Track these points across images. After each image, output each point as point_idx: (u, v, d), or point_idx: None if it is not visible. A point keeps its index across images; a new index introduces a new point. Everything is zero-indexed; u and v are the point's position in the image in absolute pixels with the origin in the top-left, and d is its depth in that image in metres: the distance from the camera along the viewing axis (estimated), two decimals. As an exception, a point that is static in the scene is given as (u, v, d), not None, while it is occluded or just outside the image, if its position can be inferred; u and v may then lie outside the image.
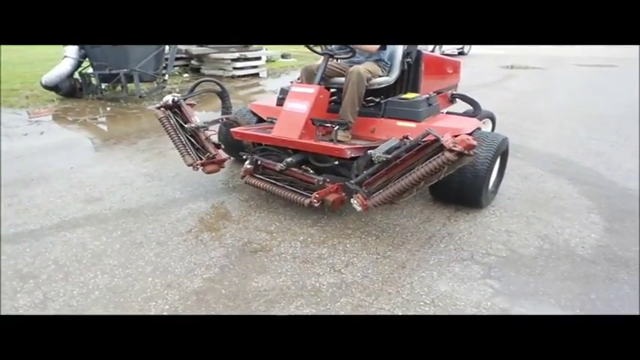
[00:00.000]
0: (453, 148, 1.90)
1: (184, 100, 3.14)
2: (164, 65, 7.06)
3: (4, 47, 9.30)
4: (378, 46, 3.02)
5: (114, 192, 3.11)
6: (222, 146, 3.19)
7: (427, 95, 3.05)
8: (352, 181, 2.38)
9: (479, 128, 3.02)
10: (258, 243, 2.43)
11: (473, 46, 17.14)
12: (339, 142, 2.68)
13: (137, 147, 4.29)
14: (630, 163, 3.87)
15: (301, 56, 13.81)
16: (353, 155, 2.57)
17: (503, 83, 8.91)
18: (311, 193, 2.53)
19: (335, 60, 3.21)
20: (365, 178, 2.32)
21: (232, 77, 9.39)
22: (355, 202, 2.33)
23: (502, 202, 3.03)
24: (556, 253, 2.39)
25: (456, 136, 1.96)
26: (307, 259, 2.28)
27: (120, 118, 5.67)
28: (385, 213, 2.82)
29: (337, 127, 2.68)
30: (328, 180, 2.60)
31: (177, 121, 3.06)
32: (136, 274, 2.15)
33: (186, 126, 3.02)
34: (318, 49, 3.01)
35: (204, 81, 3.54)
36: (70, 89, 6.65)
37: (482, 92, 4.56)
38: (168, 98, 3.09)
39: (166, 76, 7.13)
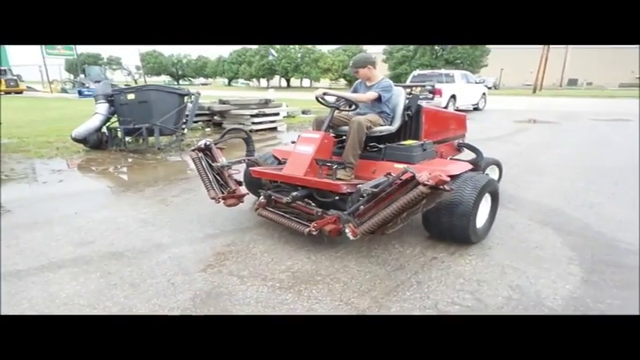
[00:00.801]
0: (426, 183, 2.19)
1: (215, 144, 3.72)
2: (184, 120, 7.53)
3: (45, 105, 10.07)
4: (376, 95, 3.58)
5: (106, 236, 3.30)
6: (243, 183, 3.69)
7: (422, 142, 3.50)
8: (346, 212, 2.70)
9: (471, 170, 3.37)
10: (226, 287, 2.52)
11: (489, 102, 17.40)
12: (340, 180, 3.17)
13: (143, 194, 4.55)
14: (623, 214, 3.80)
15: (321, 112, 14.34)
16: (349, 190, 2.94)
17: (512, 137, 8.96)
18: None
19: (341, 112, 3.72)
20: (356, 209, 2.64)
21: (251, 131, 9.85)
22: (347, 230, 2.60)
23: (481, 251, 3.04)
24: (524, 303, 2.36)
25: (431, 172, 2.25)
26: (269, 304, 2.34)
27: (136, 168, 6.03)
28: (359, 260, 2.88)
29: (336, 166, 3.22)
30: (327, 212, 2.89)
31: (207, 161, 3.59)
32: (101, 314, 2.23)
33: (213, 164, 3.55)
34: (330, 99, 3.56)
35: (233, 129, 4.13)
36: (96, 142, 7.19)
37: (489, 145, 4.61)
38: (202, 142, 3.66)
39: (185, 130, 7.56)
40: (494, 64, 51.90)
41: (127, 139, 7.26)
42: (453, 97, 13.96)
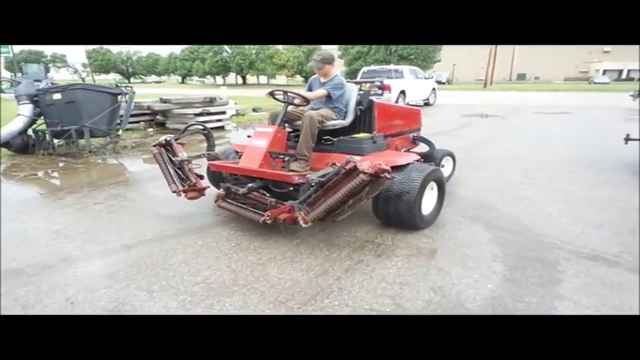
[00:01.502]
0: (366, 171, 2.34)
1: (176, 140, 3.82)
2: (119, 121, 7.11)
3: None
4: (325, 93, 3.82)
5: (8, 252, 2.99)
6: (204, 177, 3.88)
7: (372, 135, 3.71)
8: (297, 201, 2.79)
9: (419, 161, 3.59)
10: (131, 304, 2.30)
11: (439, 97, 17.75)
12: (293, 171, 3.35)
13: (62, 202, 4.20)
14: (552, 207, 3.87)
15: (272, 109, 14.10)
16: (300, 181, 3.04)
17: (458, 132, 9.12)
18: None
19: (297, 107, 3.86)
20: (307, 198, 2.74)
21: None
22: (299, 217, 2.73)
23: (408, 251, 2.97)
24: (444, 306, 2.30)
25: (372, 162, 2.38)
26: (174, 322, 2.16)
27: (63, 173, 5.63)
28: (282, 267, 2.74)
29: (288, 158, 3.48)
30: (283, 202, 3.00)
31: (168, 156, 3.71)
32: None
33: (173, 159, 3.66)
34: (280, 96, 3.67)
35: (193, 125, 4.28)
36: (22, 145, 6.68)
37: (436, 140, 4.83)
38: (163, 138, 3.77)
39: (120, 131, 7.15)
40: (447, 59, 53.30)
41: (57, 142, 6.78)
42: (403, 92, 14.08)
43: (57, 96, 6.43)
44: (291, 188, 3.23)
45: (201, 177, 3.75)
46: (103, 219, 3.71)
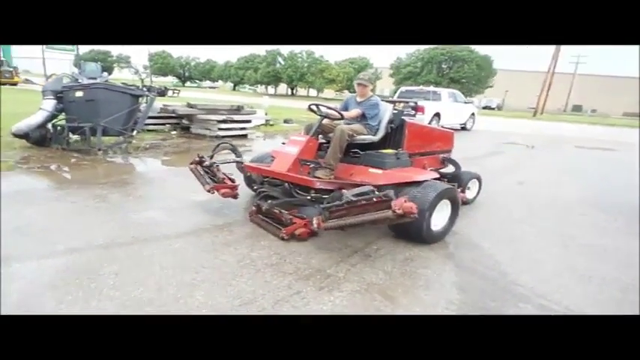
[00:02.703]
0: (396, 211, 2.58)
1: (210, 157, 4.32)
2: (135, 121, 7.26)
3: (32, 98, 9.94)
4: (360, 113, 4.17)
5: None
6: (235, 179, 4.20)
7: (396, 152, 3.96)
8: (322, 205, 3.06)
9: (438, 179, 3.83)
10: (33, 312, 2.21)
11: (480, 122, 17.10)
12: (318, 177, 3.63)
13: (44, 197, 4.25)
14: (543, 253, 3.47)
15: (303, 122, 14.10)
16: (321, 187, 3.50)
17: (482, 160, 8.62)
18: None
19: (333, 120, 4.06)
20: (331, 207, 2.97)
21: (216, 137, 9.60)
22: (315, 219, 3.03)
23: (358, 285, 2.70)
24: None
25: (405, 201, 2.64)
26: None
27: (64, 168, 5.73)
28: (211, 290, 2.56)
29: (313, 165, 3.73)
30: (298, 215, 3.49)
31: (202, 167, 4.23)
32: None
33: (204, 164, 4.21)
34: (319, 109, 3.98)
35: (221, 143, 4.62)
36: (40, 138, 6.92)
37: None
38: (197, 158, 4.30)
39: (135, 132, 7.29)
40: (500, 85, 51.73)
41: (73, 137, 7.00)
42: (437, 115, 13.65)
43: (79, 94, 6.64)
44: (314, 193, 3.59)
45: (231, 179, 4.13)
46: (69, 218, 3.69)
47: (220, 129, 9.69)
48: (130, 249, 3.10)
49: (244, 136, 10.34)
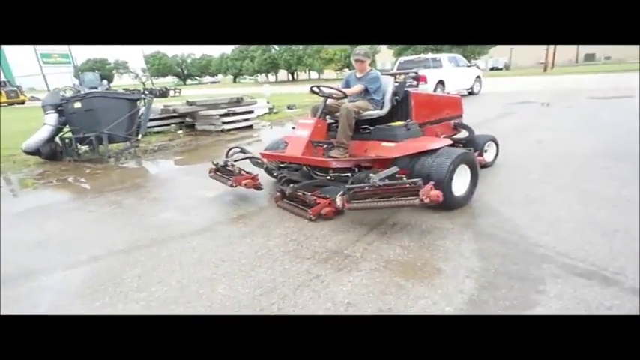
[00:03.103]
0: (423, 200, 2.77)
1: (224, 162, 4.41)
2: (137, 125, 7.29)
3: (39, 115, 10.01)
4: (362, 88, 4.11)
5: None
6: (256, 175, 4.23)
7: (406, 123, 3.92)
8: (347, 185, 3.22)
9: (451, 146, 3.90)
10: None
11: (488, 84, 16.72)
12: (332, 157, 3.70)
13: (63, 209, 4.33)
14: (563, 211, 3.39)
15: (306, 106, 14.00)
16: (337, 166, 3.62)
17: (493, 123, 8.42)
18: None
19: (337, 100, 4.14)
20: (355, 188, 3.13)
21: (222, 131, 9.61)
22: (339, 199, 3.17)
23: (376, 264, 2.70)
24: (389, 332, 2.03)
25: (432, 188, 2.82)
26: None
27: (79, 179, 5.79)
28: (232, 282, 2.58)
29: (326, 146, 3.82)
30: (321, 195, 3.63)
31: (221, 172, 4.39)
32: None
33: (220, 162, 4.41)
34: (321, 90, 4.01)
35: (232, 148, 4.68)
36: (51, 153, 7.02)
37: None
38: (212, 166, 4.47)
39: (139, 136, 7.33)
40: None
41: (83, 148, 7.07)
42: (441, 82, 13.37)
43: (77, 104, 6.68)
44: (332, 173, 3.70)
45: (252, 175, 4.17)
46: (88, 227, 3.75)
47: (224, 123, 9.67)
48: (149, 251, 3.14)
49: (249, 127, 10.31)
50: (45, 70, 30.81)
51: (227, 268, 2.79)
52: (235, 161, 4.41)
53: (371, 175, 3.12)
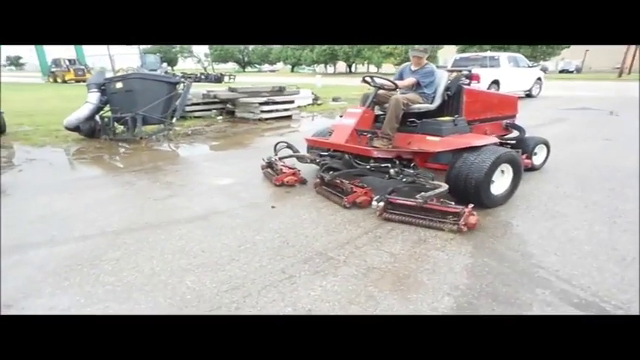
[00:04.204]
0: (462, 228, 2.94)
1: (274, 158, 4.60)
2: (173, 109, 7.44)
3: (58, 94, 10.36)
4: (414, 81, 4.17)
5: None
6: (299, 171, 4.35)
7: (453, 118, 3.83)
8: (386, 194, 3.28)
9: (496, 144, 3.75)
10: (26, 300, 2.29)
11: (551, 87, 15.66)
12: (375, 147, 3.75)
13: (82, 185, 4.48)
14: (583, 230, 3.04)
15: (353, 99, 13.79)
16: (379, 156, 3.64)
17: (542, 128, 7.77)
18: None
19: (389, 91, 4.16)
20: (398, 199, 3.24)
21: (260, 120, 9.64)
22: (376, 204, 3.25)
23: (353, 271, 2.53)
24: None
25: (470, 213, 2.97)
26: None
27: (109, 157, 6.01)
28: (203, 275, 2.52)
29: (370, 135, 3.87)
30: (359, 184, 3.64)
31: (271, 167, 4.57)
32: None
33: (266, 160, 4.63)
34: (373, 80, 4.11)
35: (280, 143, 4.89)
36: (89, 130, 7.32)
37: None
38: (265, 162, 4.68)
39: (174, 120, 7.48)
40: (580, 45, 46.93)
41: (120, 128, 7.34)
42: (496, 82, 12.64)
43: (119, 85, 6.92)
44: (370, 164, 3.71)
45: (294, 171, 4.28)
46: (93, 206, 3.83)
47: (262, 111, 9.69)
48: (138, 235, 3.14)
49: (288, 117, 10.27)
50: (112, 50, 32.52)
51: (205, 259, 2.73)
52: (281, 158, 4.54)
53: (422, 194, 3.07)
